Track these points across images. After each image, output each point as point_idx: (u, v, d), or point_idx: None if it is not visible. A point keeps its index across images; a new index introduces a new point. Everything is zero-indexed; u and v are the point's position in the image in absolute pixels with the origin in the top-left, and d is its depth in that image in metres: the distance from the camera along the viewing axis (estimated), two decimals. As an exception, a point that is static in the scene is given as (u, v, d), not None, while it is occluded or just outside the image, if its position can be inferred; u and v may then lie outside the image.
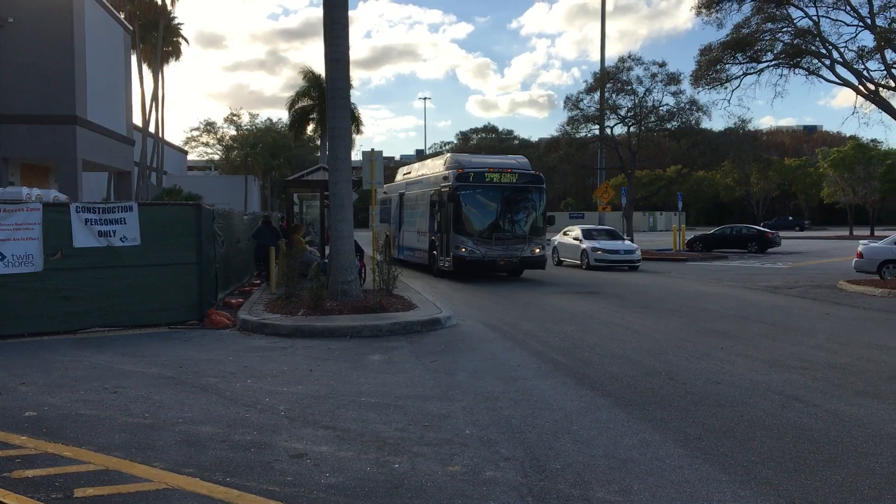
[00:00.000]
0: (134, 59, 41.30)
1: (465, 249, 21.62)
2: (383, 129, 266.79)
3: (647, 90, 38.68)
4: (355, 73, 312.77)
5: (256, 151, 65.75)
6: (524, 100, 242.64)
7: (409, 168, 31.41)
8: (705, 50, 24.23)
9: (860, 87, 21.34)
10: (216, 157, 77.25)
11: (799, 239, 57.96)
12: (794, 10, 22.45)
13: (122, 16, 36.70)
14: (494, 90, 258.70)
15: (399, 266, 24.81)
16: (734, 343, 11.57)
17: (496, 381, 8.84)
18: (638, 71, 38.74)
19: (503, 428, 6.83)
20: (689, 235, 43.15)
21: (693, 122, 38.64)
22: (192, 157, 76.75)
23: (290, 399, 7.90)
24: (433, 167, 25.97)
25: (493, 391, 8.28)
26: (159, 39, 46.17)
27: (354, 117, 46.03)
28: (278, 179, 66.58)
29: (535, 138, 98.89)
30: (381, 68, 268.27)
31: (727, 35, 23.46)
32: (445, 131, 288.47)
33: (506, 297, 18.12)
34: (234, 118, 70.61)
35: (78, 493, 5.22)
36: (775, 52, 23.14)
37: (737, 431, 6.75)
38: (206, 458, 5.98)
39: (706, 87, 25.34)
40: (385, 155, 17.97)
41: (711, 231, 44.03)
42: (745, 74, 24.15)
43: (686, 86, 37.24)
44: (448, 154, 25.93)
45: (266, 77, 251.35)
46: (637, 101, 39.03)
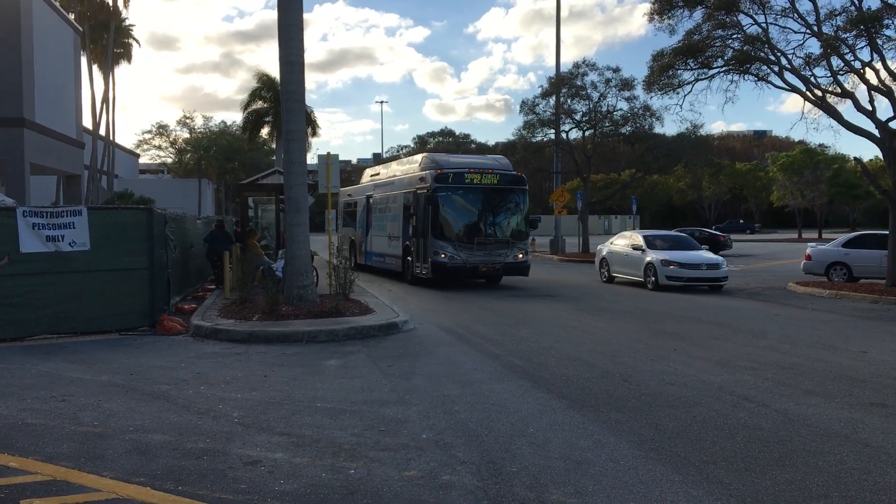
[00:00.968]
0: (84, 60, 40.56)
1: (444, 255, 20.47)
2: (340, 133, 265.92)
3: (601, 95, 39.11)
4: (311, 76, 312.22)
5: (210, 154, 64.85)
6: (481, 104, 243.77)
7: (377, 169, 29.90)
8: (658, 56, 24.54)
9: (808, 93, 21.81)
10: (169, 161, 75.92)
11: (750, 242, 59.09)
12: (743, 17, 22.86)
13: (71, 17, 36.00)
14: (451, 94, 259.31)
15: (367, 274, 24.48)
16: (687, 344, 11.74)
17: (453, 384, 8.83)
18: (592, 76, 39.18)
19: (459, 432, 6.83)
20: (643, 238, 43.63)
21: (646, 126, 39.17)
22: (144, 160, 75.44)
23: (244, 406, 7.80)
24: (406, 168, 24.75)
25: (449, 395, 8.28)
26: (110, 41, 45.34)
27: (310, 120, 45.75)
28: (233, 183, 65.72)
29: (492, 142, 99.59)
30: (337, 71, 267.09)
31: (679, 41, 23.77)
32: (403, 135, 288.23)
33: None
34: (188, 121, 69.57)
35: (24, 504, 5.09)
36: (726, 58, 23.53)
37: (689, 432, 6.85)
38: (158, 466, 5.87)
39: (659, 92, 25.66)
40: (342, 158, 17.88)
41: (665, 234, 44.60)
42: (697, 80, 24.52)
43: (639, 91, 37.65)
44: (423, 154, 24.41)
45: (220, 79, 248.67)
46: (592, 105, 39.45)
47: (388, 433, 6.78)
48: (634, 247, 22.55)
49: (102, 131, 47.89)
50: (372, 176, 29.25)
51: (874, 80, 20.59)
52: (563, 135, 40.82)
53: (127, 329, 12.77)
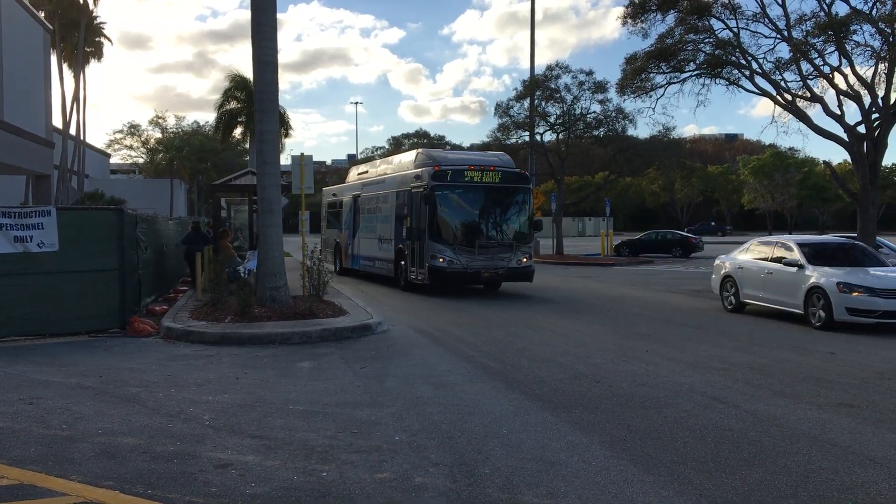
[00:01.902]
0: (54, 59, 39.99)
1: (443, 259, 18.89)
2: (314, 134, 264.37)
3: (574, 98, 39.36)
4: (286, 77, 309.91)
5: (183, 155, 64.28)
6: (456, 106, 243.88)
7: (365, 167, 28.24)
8: (631, 59, 24.76)
9: (778, 97, 22.13)
10: (141, 161, 75.18)
11: (721, 244, 59.50)
12: (715, 21, 23.17)
13: (41, 14, 35.49)
14: (426, 96, 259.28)
15: (355, 279, 23.74)
16: (659, 346, 11.83)
17: (426, 386, 8.83)
18: (566, 79, 39.41)
19: (433, 433, 6.83)
20: (616, 240, 44.04)
21: (619, 129, 39.52)
22: (115, 160, 74.50)
23: (216, 408, 7.74)
24: (399, 165, 23.00)
25: (423, 396, 8.27)
26: (81, 39, 44.78)
27: (284, 121, 45.43)
28: (205, 184, 65.20)
29: (466, 144, 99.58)
30: (312, 72, 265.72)
31: (652, 45, 24.03)
32: (377, 136, 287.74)
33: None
34: (160, 120, 68.90)
35: (-11, 509, 5.01)
36: (697, 62, 23.81)
37: (661, 432, 6.90)
38: (127, 470, 5.80)
39: (632, 95, 25.91)
40: (316, 160, 17.80)
41: (638, 236, 45.10)
42: (669, 83, 24.81)
43: (613, 94, 37.99)
44: (417, 150, 22.57)
45: (193, 79, 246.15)
46: (565, 108, 39.69)
47: (361, 435, 6.76)
48: (784, 260, 15.41)
49: (73, 131, 47.32)
50: (360, 174, 27.70)
51: (843, 85, 20.97)
52: (538, 137, 41.00)
53: (97, 331, 12.61)
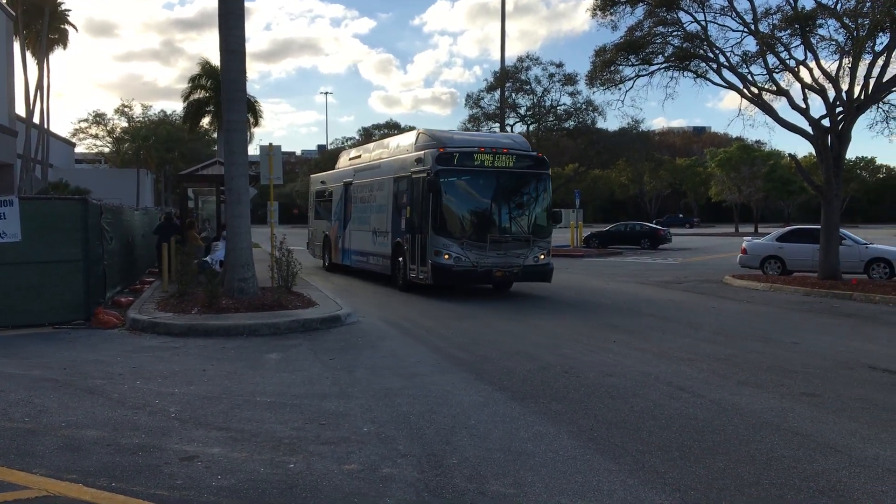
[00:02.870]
0: (17, 46, 39.22)
1: (449, 256, 16.47)
2: (284, 124, 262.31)
3: (545, 90, 39.57)
4: (255, 66, 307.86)
5: (149, 144, 63.44)
6: (427, 97, 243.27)
7: (358, 150, 25.62)
8: (600, 51, 24.80)
9: (745, 90, 22.31)
10: (106, 150, 74.12)
11: (689, 236, 60.28)
12: (683, 14, 23.25)
13: (3, 0, 34.75)
14: (397, 86, 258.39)
15: (346, 277, 22.38)
16: (627, 336, 11.94)
17: (395, 377, 8.82)
18: (536, 71, 39.57)
19: (401, 424, 6.82)
20: (586, 232, 44.28)
21: (589, 121, 39.78)
22: (80, 149, 73.32)
23: (182, 400, 7.66)
24: (397, 148, 20.58)
25: (391, 388, 8.26)
26: (44, 26, 44.01)
27: (253, 110, 44.96)
28: (173, 173, 64.40)
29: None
30: (281, 62, 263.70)
31: (621, 37, 24.06)
32: (348, 126, 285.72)
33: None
34: (126, 109, 68.01)
35: (-52, 504, 4.92)
36: (666, 54, 23.91)
37: (627, 422, 6.96)
38: (91, 463, 5.73)
39: (601, 87, 25.93)
40: (285, 150, 17.62)
41: (607, 228, 45.41)
42: (638, 76, 24.85)
43: (582, 86, 38.22)
44: (418, 130, 19.84)
45: (160, 68, 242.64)
46: (536, 100, 39.86)
47: (328, 427, 6.74)
48: None
49: (36, 119, 46.50)
50: (351, 159, 25.03)
51: (808, 79, 21.19)
52: (508, 128, 41.05)
53: (61, 322, 12.41)
